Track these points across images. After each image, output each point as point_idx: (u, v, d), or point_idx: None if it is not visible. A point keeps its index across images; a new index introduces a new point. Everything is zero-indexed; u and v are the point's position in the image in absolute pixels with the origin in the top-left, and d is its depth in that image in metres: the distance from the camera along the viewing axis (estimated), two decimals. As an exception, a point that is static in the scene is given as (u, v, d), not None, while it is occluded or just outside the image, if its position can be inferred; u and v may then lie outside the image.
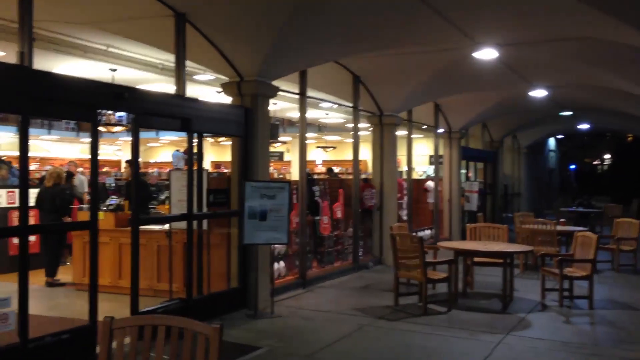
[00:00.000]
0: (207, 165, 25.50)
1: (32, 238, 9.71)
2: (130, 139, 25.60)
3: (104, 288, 6.17)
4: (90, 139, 5.88)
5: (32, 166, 22.92)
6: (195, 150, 7.42)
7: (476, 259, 9.45)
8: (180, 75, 7.40)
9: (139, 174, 6.58)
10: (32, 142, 23.99)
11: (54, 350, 5.46)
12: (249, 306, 8.04)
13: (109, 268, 8.62)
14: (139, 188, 7.30)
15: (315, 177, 19.29)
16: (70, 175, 12.34)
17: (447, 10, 7.43)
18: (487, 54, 9.41)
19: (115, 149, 27.79)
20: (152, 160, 28.91)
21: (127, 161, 10.35)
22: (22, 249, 5.17)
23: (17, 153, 5.07)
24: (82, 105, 5.83)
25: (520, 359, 6.20)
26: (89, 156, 5.88)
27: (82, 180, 12.61)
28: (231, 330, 7.08)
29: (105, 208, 9.18)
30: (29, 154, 5.19)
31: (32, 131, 22.91)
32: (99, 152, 5.96)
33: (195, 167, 7.42)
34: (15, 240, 5.40)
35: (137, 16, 7.50)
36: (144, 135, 25.91)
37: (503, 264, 8.54)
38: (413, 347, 6.60)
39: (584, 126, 23.15)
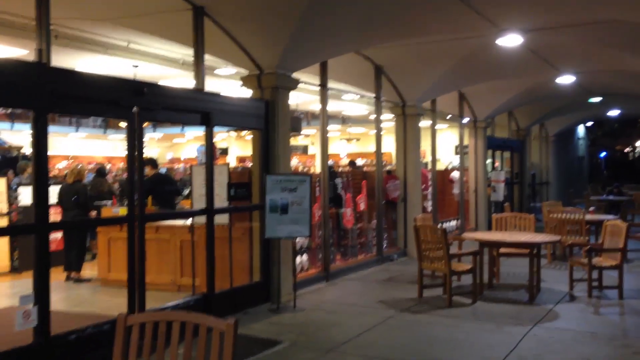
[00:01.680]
0: (232, 159, 25.62)
1: (58, 235, 9.91)
2: (155, 135, 25.61)
3: (123, 283, 6.19)
4: (124, 136, 5.91)
5: (62, 163, 23.32)
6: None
7: (502, 250, 9.30)
8: (199, 69, 7.37)
9: (143, 169, 6.56)
10: (60, 140, 24.50)
11: (82, 346, 5.50)
12: (271, 300, 8.02)
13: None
14: (150, 183, 7.24)
15: (340, 169, 19.25)
16: (104, 172, 12.52)
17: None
18: (511, 40, 9.20)
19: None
20: (180, 157, 29.09)
21: (146, 163, 10.37)
22: (42, 246, 5.20)
23: (52, 152, 5.09)
24: (101, 101, 5.86)
25: (548, 351, 6.06)
26: (120, 154, 5.89)
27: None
28: (254, 324, 7.07)
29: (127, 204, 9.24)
30: (59, 152, 5.20)
31: (60, 129, 23.40)
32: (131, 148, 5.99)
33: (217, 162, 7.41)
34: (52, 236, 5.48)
35: (155, 11, 7.49)
36: (169, 130, 26.14)
37: (529, 255, 8.38)
38: (437, 340, 6.51)
39: (614, 112, 22.63)
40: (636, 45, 9.93)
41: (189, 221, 8.33)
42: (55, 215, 9.25)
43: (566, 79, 13.08)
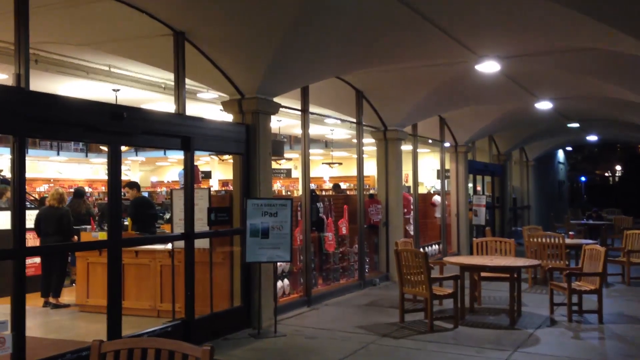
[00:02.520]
0: (215, 183, 25.55)
1: (36, 260, 9.77)
2: (138, 158, 25.43)
3: (102, 309, 6.12)
4: (105, 159, 5.91)
5: (43, 187, 23.12)
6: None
7: (483, 274, 9.33)
8: (180, 93, 7.39)
9: (119, 193, 6.54)
10: (42, 164, 24.32)
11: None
12: (252, 325, 7.96)
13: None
14: (132, 206, 7.15)
15: (323, 192, 19.25)
16: (82, 193, 12.38)
17: (449, 24, 7.41)
18: (489, 66, 9.35)
19: (125, 169, 27.93)
20: (164, 180, 28.97)
21: (126, 186, 10.33)
22: (20, 271, 5.13)
23: (34, 175, 5.07)
24: (80, 125, 5.85)
25: (528, 376, 6.07)
26: (102, 177, 5.88)
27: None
28: (234, 350, 7.00)
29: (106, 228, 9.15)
30: (41, 175, 5.17)
31: (42, 152, 23.25)
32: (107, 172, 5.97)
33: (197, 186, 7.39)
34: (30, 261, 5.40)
35: (136, 36, 7.53)
36: (152, 154, 26.09)
37: (510, 279, 8.42)
38: (418, 365, 6.48)
39: (593, 138, 22.98)
40: (613, 73, 10.13)
41: (169, 245, 8.26)
42: (32, 240, 9.12)
43: (544, 105, 13.29)
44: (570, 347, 7.27)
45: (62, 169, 26.27)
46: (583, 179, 46.07)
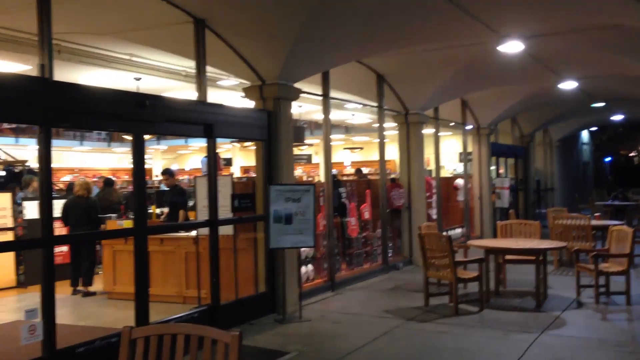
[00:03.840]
0: (236, 170, 25.66)
1: (64, 248, 9.92)
2: (160, 147, 25.65)
3: (129, 296, 6.19)
4: (128, 149, 5.97)
5: (68, 177, 23.42)
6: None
7: (508, 257, 9.26)
8: (201, 81, 7.39)
9: (144, 181, 6.58)
10: (65, 153, 24.61)
11: (91, 359, 5.51)
12: (277, 311, 8.00)
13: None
14: (171, 194, 7.16)
15: (344, 178, 19.22)
16: (112, 182, 12.54)
17: (471, 3, 7.29)
18: (512, 46, 9.20)
19: (146, 157, 28.12)
20: (185, 168, 29.15)
21: (163, 172, 10.51)
22: (49, 260, 5.21)
23: (58, 165, 5.14)
24: (104, 115, 5.89)
25: (555, 359, 6.02)
26: (125, 166, 5.93)
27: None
28: (259, 335, 7.05)
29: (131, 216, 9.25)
30: (64, 166, 5.24)
31: (64, 143, 23.52)
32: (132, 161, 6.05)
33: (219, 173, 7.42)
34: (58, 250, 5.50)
35: (156, 24, 7.53)
36: (173, 142, 26.26)
37: (536, 261, 8.34)
38: (443, 349, 6.47)
39: (618, 117, 22.58)
40: (638, 50, 9.92)
41: (194, 233, 8.33)
42: (59, 230, 9.26)
43: (568, 85, 13.07)
44: (599, 329, 7.20)
45: (85, 159, 26.57)
46: (608, 159, 45.35)
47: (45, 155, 5.15)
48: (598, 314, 7.89)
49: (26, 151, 19.87)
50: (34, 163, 17.87)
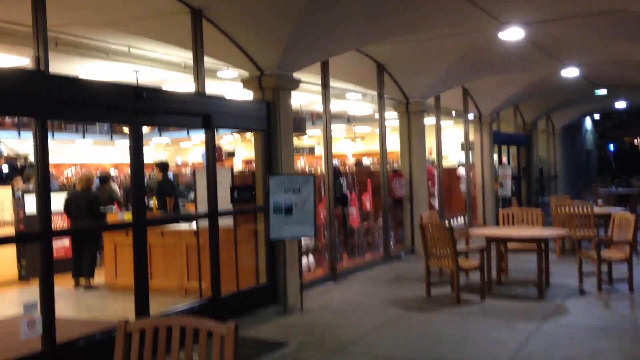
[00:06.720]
0: (238, 162, 25.61)
1: (65, 242, 9.92)
2: (162, 140, 25.47)
3: (130, 288, 6.18)
4: (128, 141, 5.99)
5: (70, 170, 23.40)
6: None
7: (510, 246, 9.22)
8: (199, 71, 7.34)
9: (143, 173, 6.55)
10: (67, 147, 24.57)
11: (91, 353, 5.50)
12: (278, 302, 7.98)
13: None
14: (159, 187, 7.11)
15: (347, 168, 19.15)
16: (107, 178, 12.50)
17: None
18: (513, 33, 9.12)
19: (150, 151, 28.06)
20: (189, 161, 29.07)
21: (156, 165, 10.49)
22: (47, 253, 5.19)
23: (59, 159, 5.11)
24: (100, 106, 5.85)
25: (558, 347, 5.99)
26: (126, 159, 5.91)
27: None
28: (261, 326, 7.04)
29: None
30: (66, 160, 5.21)
31: (67, 136, 23.46)
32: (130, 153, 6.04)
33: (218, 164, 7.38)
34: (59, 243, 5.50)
35: (153, 14, 7.46)
36: (176, 135, 26.17)
37: (538, 250, 8.30)
38: (445, 338, 6.45)
39: (621, 104, 22.44)
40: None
41: (194, 225, 8.30)
42: (62, 223, 9.25)
43: (570, 72, 12.97)
44: (601, 317, 7.17)
45: (88, 152, 26.51)
46: (611, 146, 45.15)
47: (41, 148, 5.13)
48: (600, 302, 7.86)
49: (29, 145, 19.83)
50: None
